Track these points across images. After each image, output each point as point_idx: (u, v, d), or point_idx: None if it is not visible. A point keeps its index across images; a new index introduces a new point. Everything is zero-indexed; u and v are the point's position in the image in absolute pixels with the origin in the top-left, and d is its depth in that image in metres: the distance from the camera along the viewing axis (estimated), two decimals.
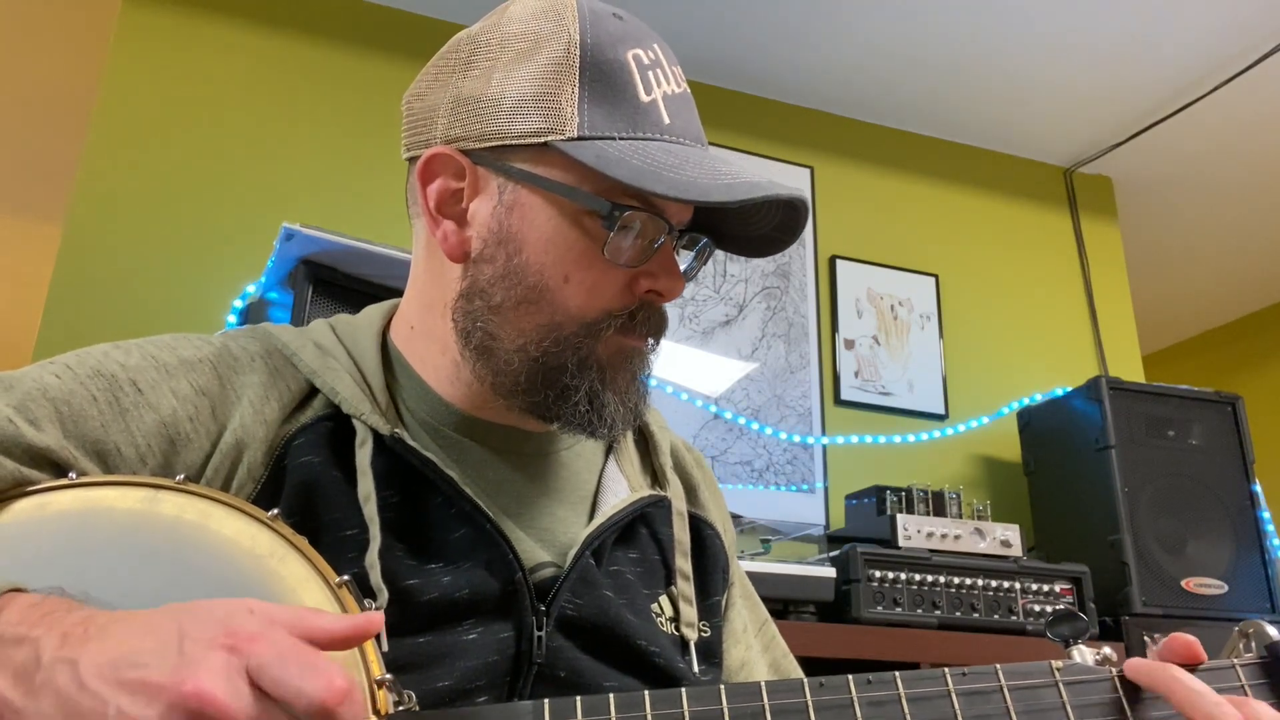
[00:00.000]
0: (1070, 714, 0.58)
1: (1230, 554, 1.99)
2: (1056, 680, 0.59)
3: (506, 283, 0.69)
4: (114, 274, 1.90)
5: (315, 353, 0.72)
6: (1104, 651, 0.61)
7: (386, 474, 0.68)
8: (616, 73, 0.68)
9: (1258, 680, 0.61)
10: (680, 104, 0.71)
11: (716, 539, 0.83)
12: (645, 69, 0.70)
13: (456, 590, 0.65)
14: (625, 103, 0.68)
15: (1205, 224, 3.11)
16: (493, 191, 0.70)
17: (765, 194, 0.65)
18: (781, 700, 0.55)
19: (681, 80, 0.73)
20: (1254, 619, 0.63)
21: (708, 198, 0.64)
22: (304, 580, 0.55)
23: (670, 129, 0.69)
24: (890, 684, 0.57)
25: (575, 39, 0.68)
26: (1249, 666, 0.61)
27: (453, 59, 0.73)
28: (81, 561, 0.56)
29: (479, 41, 0.72)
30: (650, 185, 0.64)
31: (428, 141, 0.72)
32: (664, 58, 0.72)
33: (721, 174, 0.66)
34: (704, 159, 0.68)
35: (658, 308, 0.72)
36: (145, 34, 2.07)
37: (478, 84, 0.70)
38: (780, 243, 0.74)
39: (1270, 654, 0.61)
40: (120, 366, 0.67)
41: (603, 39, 0.69)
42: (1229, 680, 0.60)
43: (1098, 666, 0.60)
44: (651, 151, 0.67)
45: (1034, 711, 0.57)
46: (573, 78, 0.68)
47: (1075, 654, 0.61)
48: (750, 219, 0.73)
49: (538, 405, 0.70)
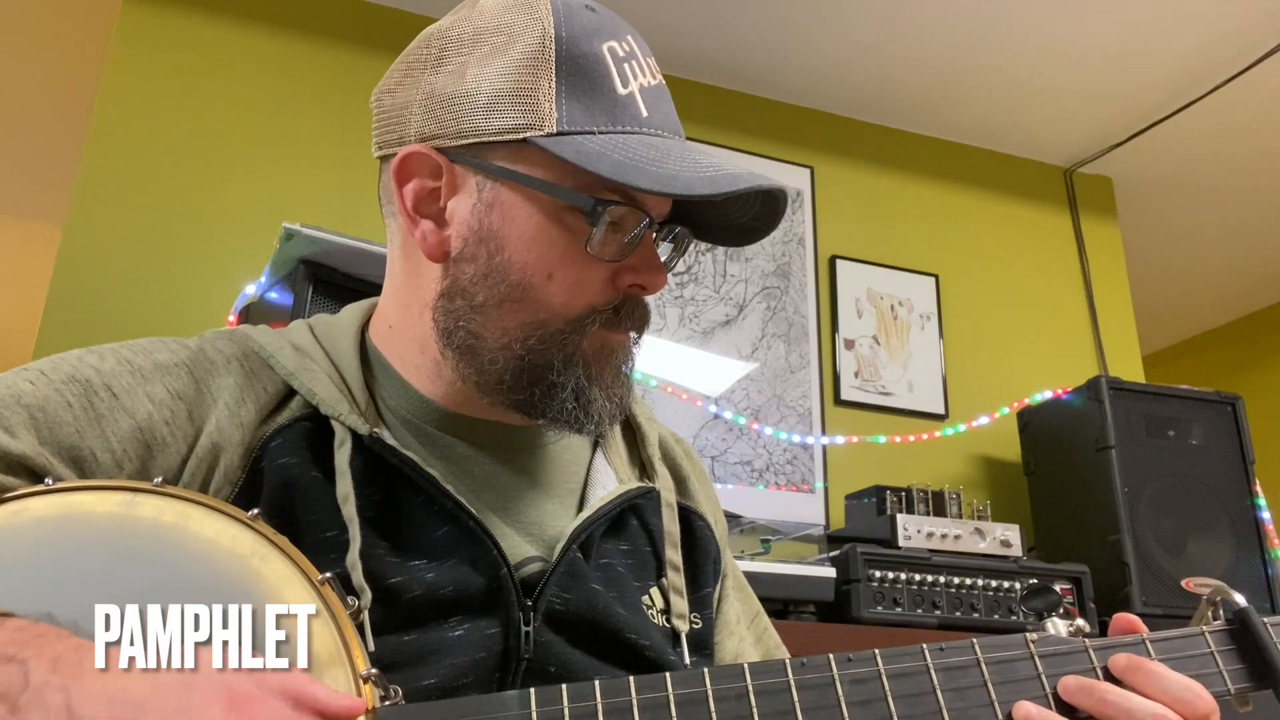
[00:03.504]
0: (1045, 684, 0.59)
1: (1230, 554, 1.99)
2: (1032, 652, 0.60)
3: (489, 282, 0.68)
4: (114, 274, 1.90)
5: (292, 354, 0.72)
6: (1077, 623, 0.62)
7: (367, 474, 0.67)
8: (593, 66, 0.68)
9: (1225, 646, 0.62)
10: (657, 96, 0.71)
11: (707, 530, 0.83)
12: (621, 61, 0.69)
13: (441, 587, 0.65)
14: (603, 96, 0.67)
15: (1205, 224, 3.11)
16: (471, 189, 0.69)
17: (748, 185, 0.65)
18: (764, 680, 0.56)
19: (656, 72, 0.72)
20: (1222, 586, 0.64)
21: (691, 191, 0.63)
22: (287, 579, 0.55)
23: (649, 122, 0.69)
24: (870, 661, 0.58)
25: (550, 32, 0.67)
26: (1217, 633, 0.62)
27: (423, 54, 0.72)
28: (61, 567, 0.55)
29: (450, 36, 0.71)
30: (634, 180, 0.63)
31: (401, 140, 0.71)
32: (638, 49, 0.71)
33: (703, 166, 0.66)
34: (684, 152, 0.68)
35: (640, 301, 0.71)
36: (145, 34, 2.08)
37: (451, 80, 0.69)
38: (759, 232, 0.74)
39: (1237, 620, 0.62)
40: (95, 371, 0.66)
41: (577, 32, 0.68)
42: (1198, 648, 0.61)
43: (1071, 638, 0.61)
44: (632, 145, 0.66)
45: (1011, 682, 0.58)
46: (549, 72, 0.67)
47: (1049, 626, 0.62)
48: (729, 209, 0.73)
49: (523, 403, 0.70)
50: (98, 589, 0.54)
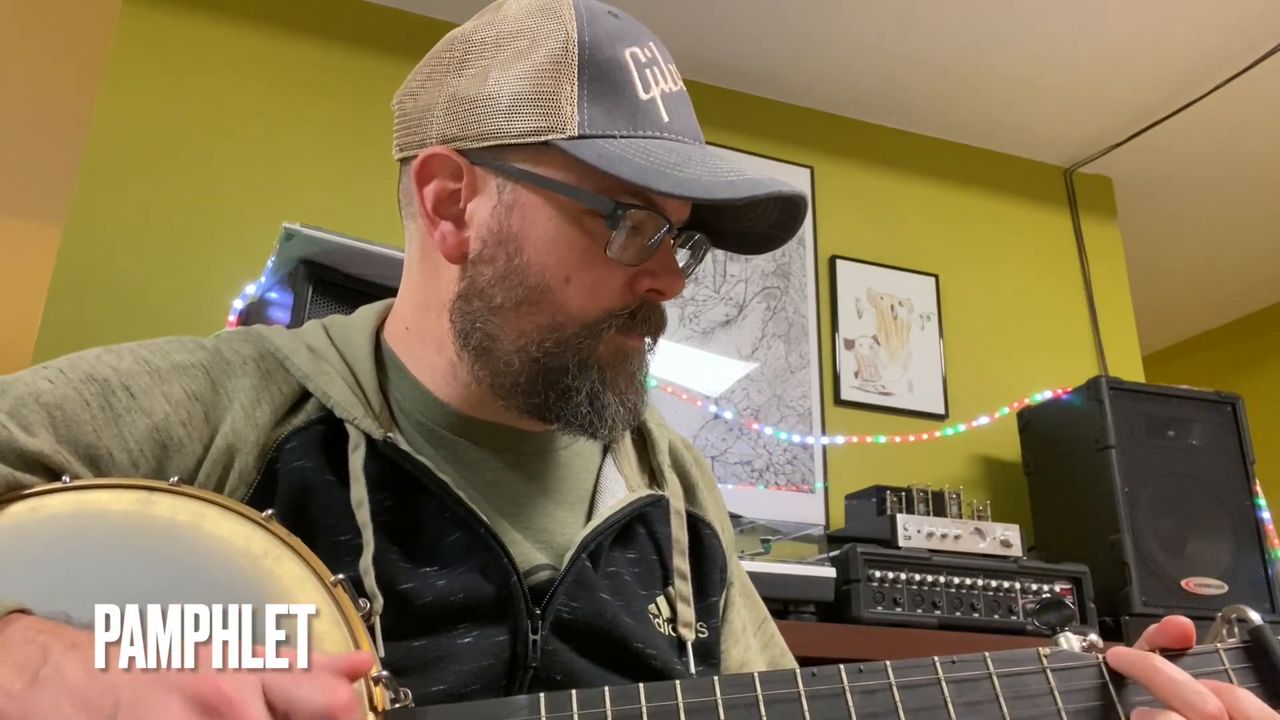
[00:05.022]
0: (1058, 699, 0.58)
1: (1230, 554, 1.99)
2: (1044, 667, 0.59)
3: (507, 283, 0.68)
4: (114, 274, 1.90)
5: (308, 356, 0.72)
6: (1090, 638, 0.61)
7: (380, 478, 0.67)
8: (615, 71, 0.68)
9: (1241, 664, 0.61)
10: (678, 102, 0.71)
11: (715, 539, 0.83)
12: (643, 67, 0.69)
13: (451, 594, 0.65)
14: (625, 101, 0.68)
15: (1205, 224, 3.11)
16: (491, 191, 0.69)
17: (768, 191, 0.65)
18: (775, 690, 0.56)
19: (678, 78, 0.73)
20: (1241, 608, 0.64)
21: (711, 195, 0.63)
22: (299, 580, 0.55)
23: (670, 127, 0.69)
24: (881, 673, 0.57)
25: (573, 37, 0.68)
26: (1233, 651, 0.62)
27: (446, 58, 0.72)
28: (76, 564, 0.55)
29: (473, 40, 0.71)
30: (655, 184, 0.63)
31: (422, 141, 0.71)
32: (660, 56, 0.71)
33: (723, 172, 0.66)
34: (705, 157, 0.68)
35: (657, 306, 0.71)
36: (145, 34, 2.07)
37: (474, 83, 0.69)
38: (777, 240, 0.74)
39: (1253, 638, 0.62)
40: (113, 371, 0.66)
41: (600, 37, 0.68)
42: (1213, 665, 0.61)
43: (1084, 653, 0.61)
44: (653, 150, 0.66)
45: (1022, 697, 0.58)
46: (572, 76, 0.67)
47: (1062, 640, 0.61)
48: (747, 216, 0.73)
49: (538, 406, 0.70)
50: (112, 586, 0.54)
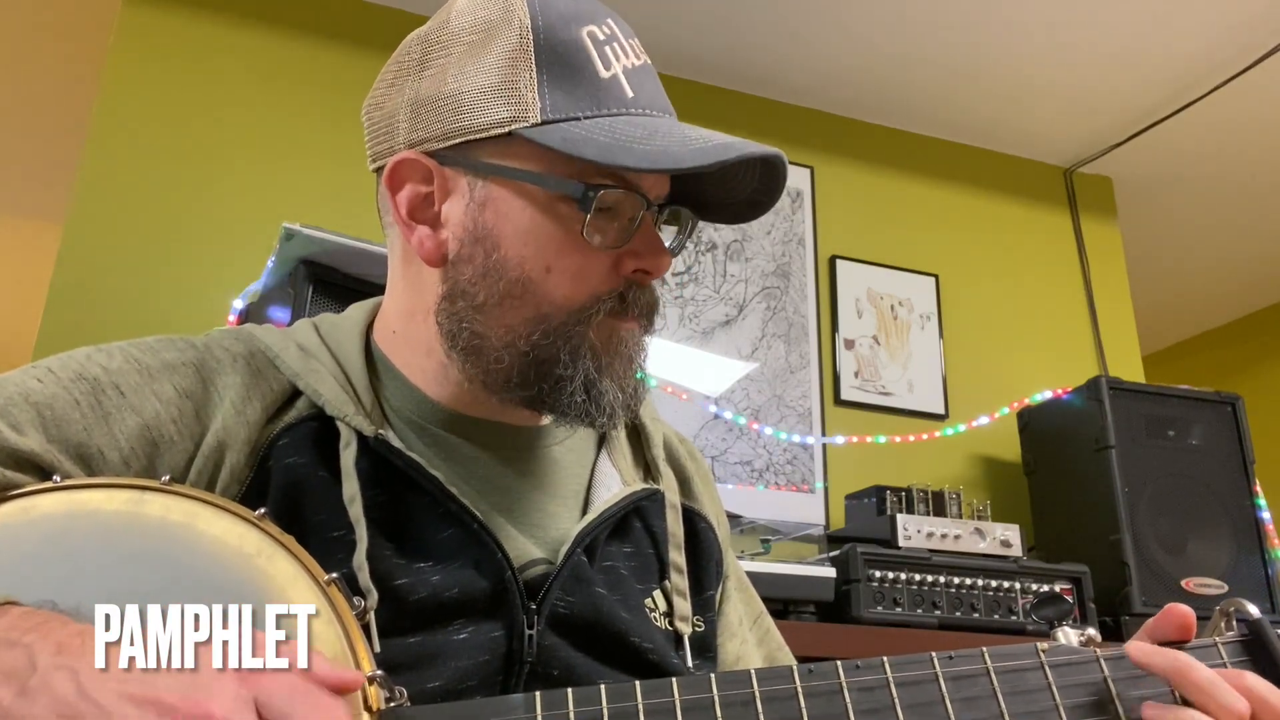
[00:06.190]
0: (1056, 695, 0.58)
1: (1230, 554, 1.99)
2: (1042, 662, 0.59)
3: (488, 280, 0.68)
4: (114, 274, 1.90)
5: (298, 354, 0.72)
6: (1088, 633, 0.61)
7: (372, 475, 0.67)
8: (573, 52, 0.67)
9: (1239, 657, 0.62)
10: (642, 76, 0.70)
11: (710, 532, 0.82)
12: (601, 44, 0.68)
13: (446, 590, 0.65)
14: (585, 81, 0.67)
15: (1205, 224, 3.11)
16: (463, 190, 0.69)
17: (740, 154, 0.64)
18: (771, 687, 0.56)
19: (641, 52, 0.71)
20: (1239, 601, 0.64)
21: (680, 165, 0.63)
22: (293, 579, 0.55)
23: (635, 102, 0.68)
24: (879, 669, 0.57)
25: (526, 23, 0.67)
26: (1231, 644, 0.62)
27: (406, 61, 0.72)
28: (68, 564, 0.55)
29: (430, 40, 0.71)
30: (621, 160, 0.63)
31: (391, 149, 0.71)
32: (619, 31, 0.70)
33: (692, 140, 0.65)
34: (673, 128, 0.67)
35: (647, 286, 0.71)
36: (145, 34, 2.07)
37: (434, 83, 0.69)
38: (763, 205, 0.73)
39: (1251, 631, 0.62)
40: (103, 370, 0.66)
41: (554, 19, 0.68)
42: (1212, 658, 0.61)
43: (1082, 648, 0.60)
44: (619, 126, 0.65)
45: (1020, 693, 0.58)
46: (529, 63, 0.66)
47: (1060, 635, 0.61)
48: (729, 184, 0.72)
49: (533, 399, 0.69)
50: (105, 586, 0.54)
